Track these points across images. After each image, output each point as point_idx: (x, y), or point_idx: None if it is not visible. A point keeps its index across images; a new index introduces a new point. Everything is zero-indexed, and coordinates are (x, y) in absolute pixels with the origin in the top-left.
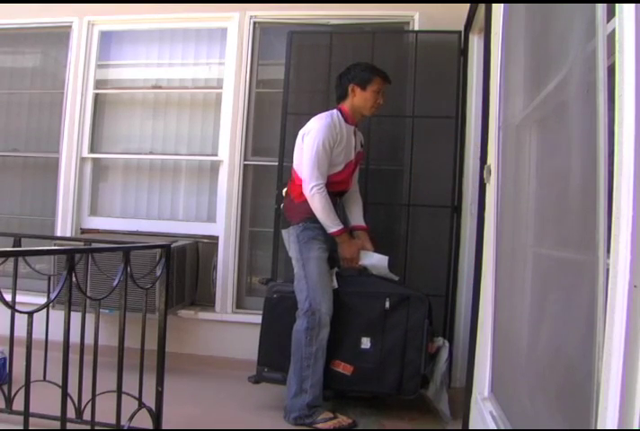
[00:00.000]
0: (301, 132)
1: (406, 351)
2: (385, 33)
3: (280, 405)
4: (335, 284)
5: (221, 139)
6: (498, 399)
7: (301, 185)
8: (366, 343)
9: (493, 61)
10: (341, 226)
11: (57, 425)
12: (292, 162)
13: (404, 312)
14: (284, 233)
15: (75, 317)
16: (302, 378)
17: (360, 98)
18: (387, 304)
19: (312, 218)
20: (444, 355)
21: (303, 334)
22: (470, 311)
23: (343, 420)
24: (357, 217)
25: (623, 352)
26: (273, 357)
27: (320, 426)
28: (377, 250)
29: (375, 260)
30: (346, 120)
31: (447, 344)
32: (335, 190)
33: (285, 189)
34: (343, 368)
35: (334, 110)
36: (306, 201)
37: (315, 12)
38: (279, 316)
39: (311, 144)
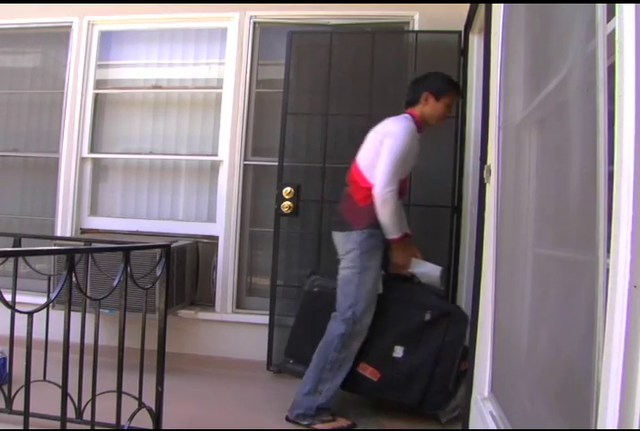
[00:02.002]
0: (379, 133)
1: (438, 366)
2: (385, 33)
3: (280, 405)
4: (380, 288)
5: (221, 139)
6: (498, 399)
7: (367, 188)
8: (399, 352)
9: (493, 61)
10: (401, 233)
11: (57, 425)
12: (291, 161)
13: (442, 327)
14: (340, 235)
15: (75, 317)
16: (321, 379)
17: (431, 107)
18: (428, 317)
19: (375, 224)
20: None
21: (337, 339)
22: (470, 311)
23: (343, 422)
24: (405, 223)
25: (623, 352)
26: (302, 350)
27: (318, 426)
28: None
29: (427, 269)
30: (417, 127)
31: None
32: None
33: (347, 191)
34: (371, 373)
35: (407, 116)
36: (370, 205)
37: (315, 12)
38: (316, 311)
39: (393, 147)
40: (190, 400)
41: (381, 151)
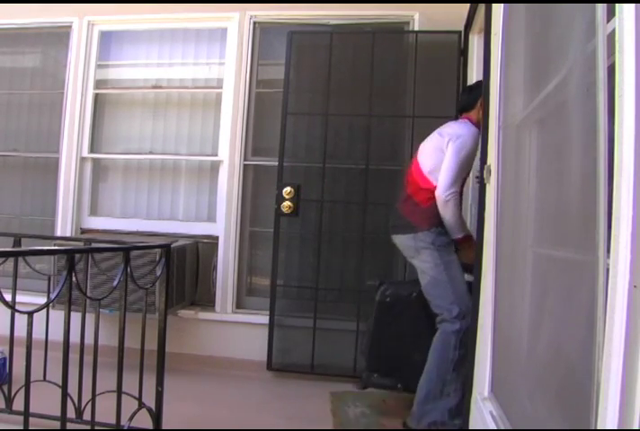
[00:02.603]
0: (445, 136)
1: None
2: (385, 33)
3: (280, 405)
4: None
5: (221, 139)
6: (498, 399)
7: (429, 189)
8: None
9: (492, 61)
10: (467, 232)
11: (57, 425)
12: (291, 161)
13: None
14: (404, 237)
15: (75, 317)
16: (445, 381)
17: (480, 113)
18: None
19: (441, 223)
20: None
21: (453, 336)
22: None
23: None
24: (466, 226)
25: (623, 352)
26: (385, 362)
27: None
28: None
29: None
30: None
31: None
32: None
33: (407, 193)
34: None
35: (466, 120)
36: (434, 206)
37: (315, 12)
38: (392, 320)
39: (460, 150)
40: (190, 400)
41: (446, 153)
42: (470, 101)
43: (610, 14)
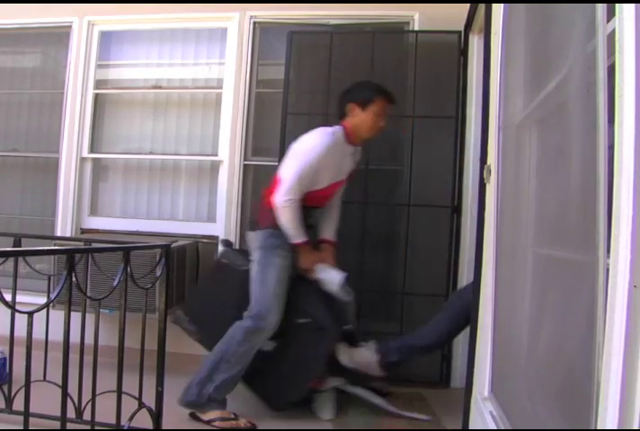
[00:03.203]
0: (298, 142)
1: (295, 374)
2: (385, 33)
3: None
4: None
5: (221, 139)
6: (498, 399)
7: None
8: (269, 346)
9: (493, 61)
10: (304, 238)
11: (57, 425)
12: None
13: (313, 339)
14: (250, 234)
15: (75, 317)
16: (217, 369)
17: (359, 119)
18: (304, 322)
19: (277, 225)
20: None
21: (240, 332)
22: (470, 311)
23: (242, 423)
24: (328, 230)
25: (623, 352)
26: (198, 313)
27: (217, 424)
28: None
29: (329, 276)
30: (347, 140)
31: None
32: (312, 205)
33: (264, 192)
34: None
35: (338, 127)
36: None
37: (315, 12)
38: (218, 281)
39: (301, 160)
40: None
41: (290, 160)
42: (340, 108)
43: (610, 14)
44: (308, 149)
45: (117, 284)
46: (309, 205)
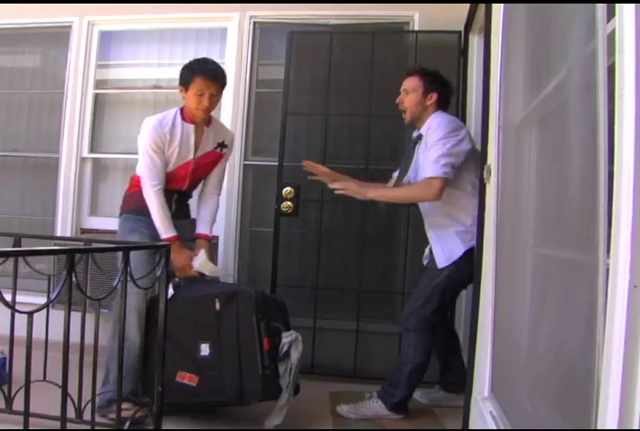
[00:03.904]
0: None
1: (241, 351)
2: (385, 33)
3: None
4: (171, 291)
5: None
6: (498, 399)
7: (138, 178)
8: (205, 350)
9: (493, 61)
10: (172, 234)
11: (57, 425)
12: (291, 161)
13: (234, 311)
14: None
15: (75, 317)
16: (109, 368)
17: (187, 100)
18: (218, 306)
19: (136, 210)
20: (295, 354)
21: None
22: (470, 311)
23: (136, 412)
24: (202, 224)
25: (623, 352)
26: None
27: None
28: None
29: (200, 259)
30: (184, 119)
31: (299, 338)
32: (168, 188)
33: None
34: (189, 379)
35: (176, 108)
36: (136, 192)
37: (315, 12)
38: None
39: (140, 146)
40: None
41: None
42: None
43: (610, 14)
44: (141, 134)
45: (117, 284)
46: (165, 188)
